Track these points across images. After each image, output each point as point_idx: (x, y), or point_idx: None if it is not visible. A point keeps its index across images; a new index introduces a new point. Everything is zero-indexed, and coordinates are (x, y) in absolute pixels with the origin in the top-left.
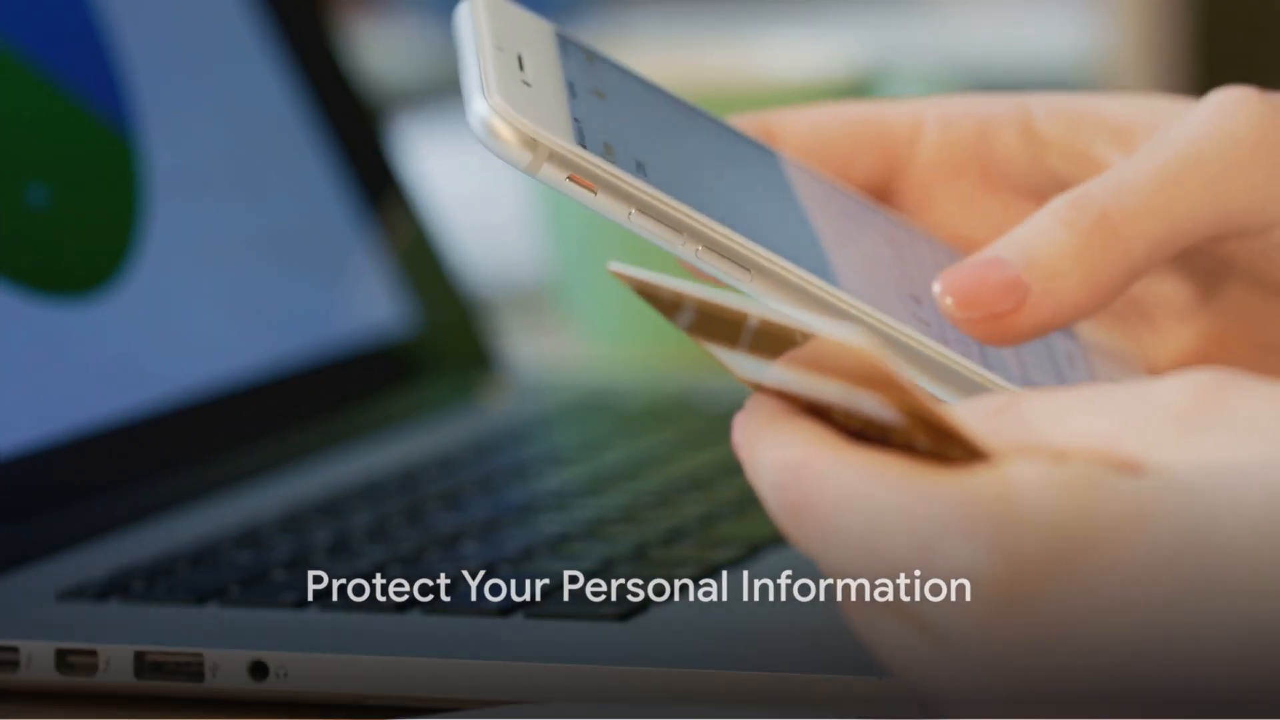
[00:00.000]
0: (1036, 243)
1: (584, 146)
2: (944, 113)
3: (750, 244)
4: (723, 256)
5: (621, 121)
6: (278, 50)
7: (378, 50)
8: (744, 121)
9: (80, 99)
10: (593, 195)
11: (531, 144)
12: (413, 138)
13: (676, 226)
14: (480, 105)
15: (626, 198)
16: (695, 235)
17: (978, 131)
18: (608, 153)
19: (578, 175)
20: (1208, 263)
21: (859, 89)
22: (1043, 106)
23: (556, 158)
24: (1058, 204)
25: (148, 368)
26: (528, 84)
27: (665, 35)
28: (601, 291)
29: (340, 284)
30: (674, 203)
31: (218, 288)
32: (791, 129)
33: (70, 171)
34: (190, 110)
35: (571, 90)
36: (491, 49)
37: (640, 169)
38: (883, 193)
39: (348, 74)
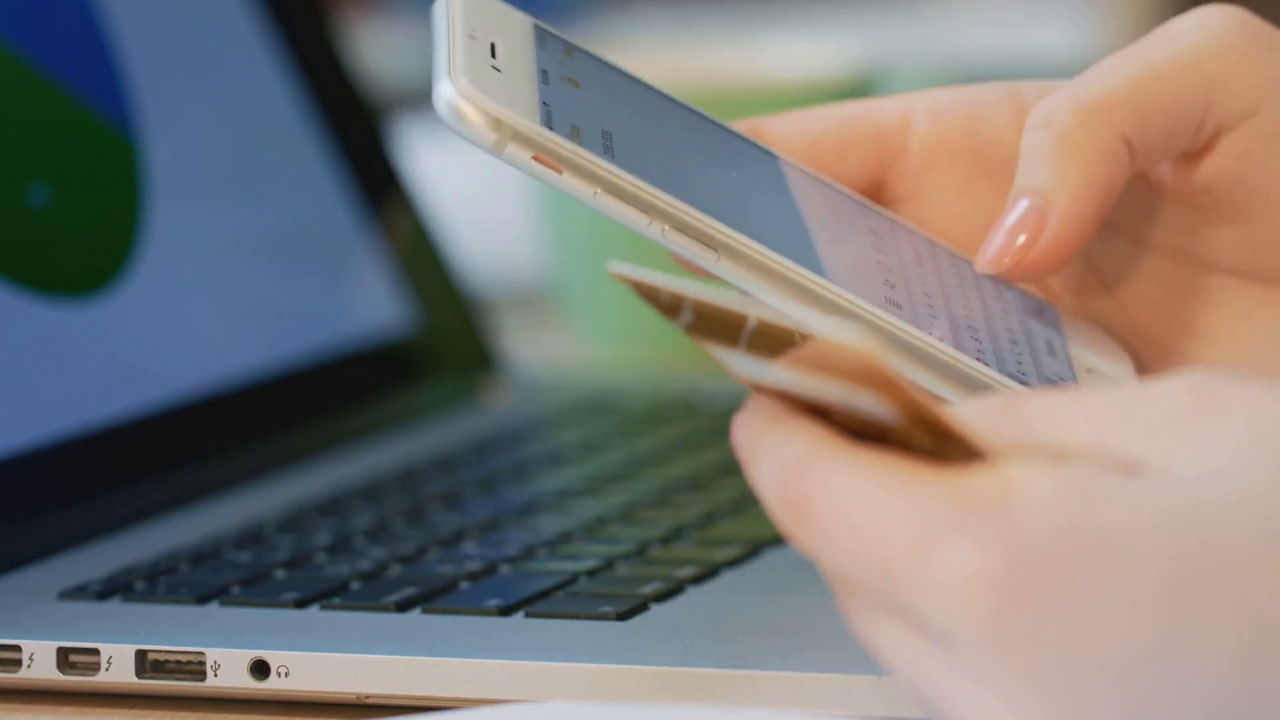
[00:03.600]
0: (1031, 167)
1: (550, 128)
2: (933, 101)
3: (716, 224)
4: (690, 236)
5: (594, 108)
6: (279, 50)
7: (378, 50)
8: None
9: (81, 99)
10: (558, 175)
11: (496, 124)
12: (413, 138)
13: (642, 206)
14: (446, 87)
15: (591, 177)
16: (661, 215)
17: (969, 116)
18: (575, 134)
19: (542, 155)
20: (1138, 221)
21: (859, 89)
22: (1033, 88)
23: (521, 138)
24: (1030, 121)
25: (148, 368)
26: (498, 69)
27: (665, 35)
28: (601, 291)
29: (341, 284)
30: (639, 182)
31: (219, 288)
32: (781, 131)
33: (71, 171)
34: (191, 110)
35: (544, 77)
36: (463, 36)
37: (608, 151)
38: (877, 186)
39: (348, 74)
